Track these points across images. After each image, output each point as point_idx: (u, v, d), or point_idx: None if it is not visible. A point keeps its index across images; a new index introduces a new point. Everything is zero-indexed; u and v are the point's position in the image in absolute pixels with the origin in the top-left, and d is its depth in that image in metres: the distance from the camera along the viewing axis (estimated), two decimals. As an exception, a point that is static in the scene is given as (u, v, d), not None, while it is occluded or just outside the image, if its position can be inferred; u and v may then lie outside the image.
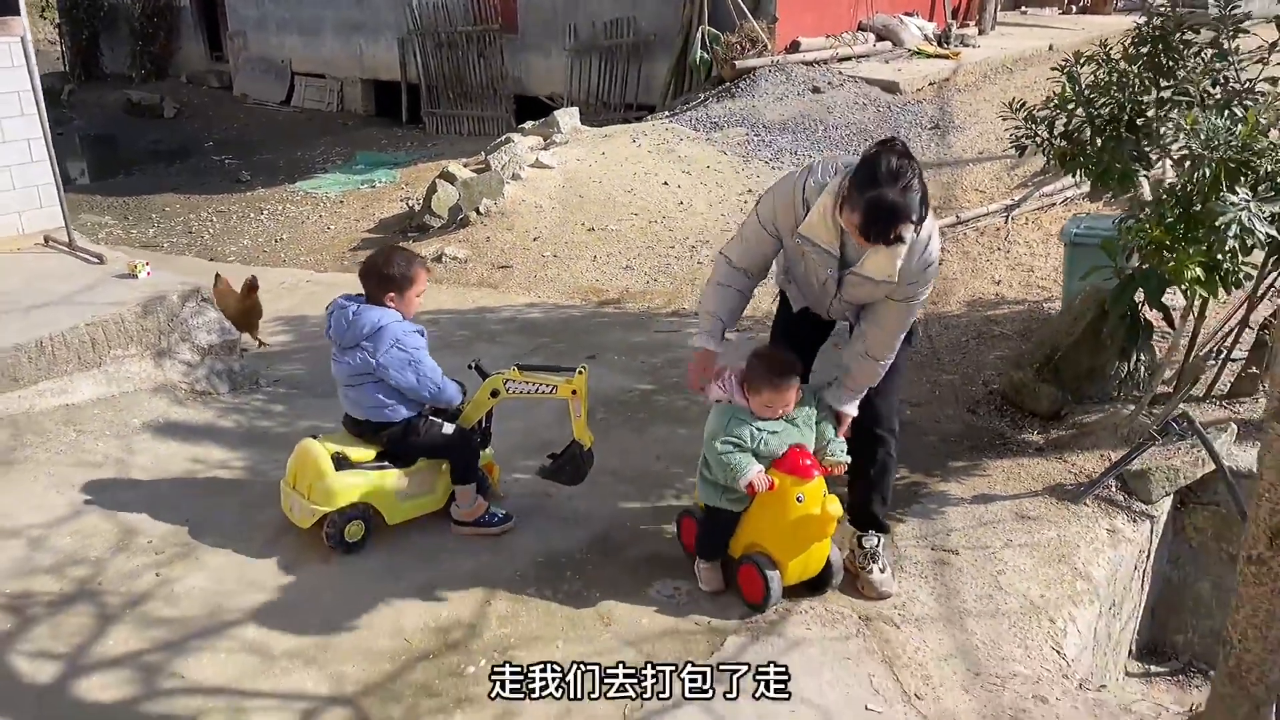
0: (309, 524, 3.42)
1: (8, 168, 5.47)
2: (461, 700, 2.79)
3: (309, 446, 3.44)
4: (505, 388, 3.57)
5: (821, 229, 2.88)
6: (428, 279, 3.59)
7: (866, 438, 3.25)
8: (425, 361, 3.43)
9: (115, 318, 4.61)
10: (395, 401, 3.43)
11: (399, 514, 3.51)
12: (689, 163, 8.87)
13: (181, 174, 12.73)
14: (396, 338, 3.36)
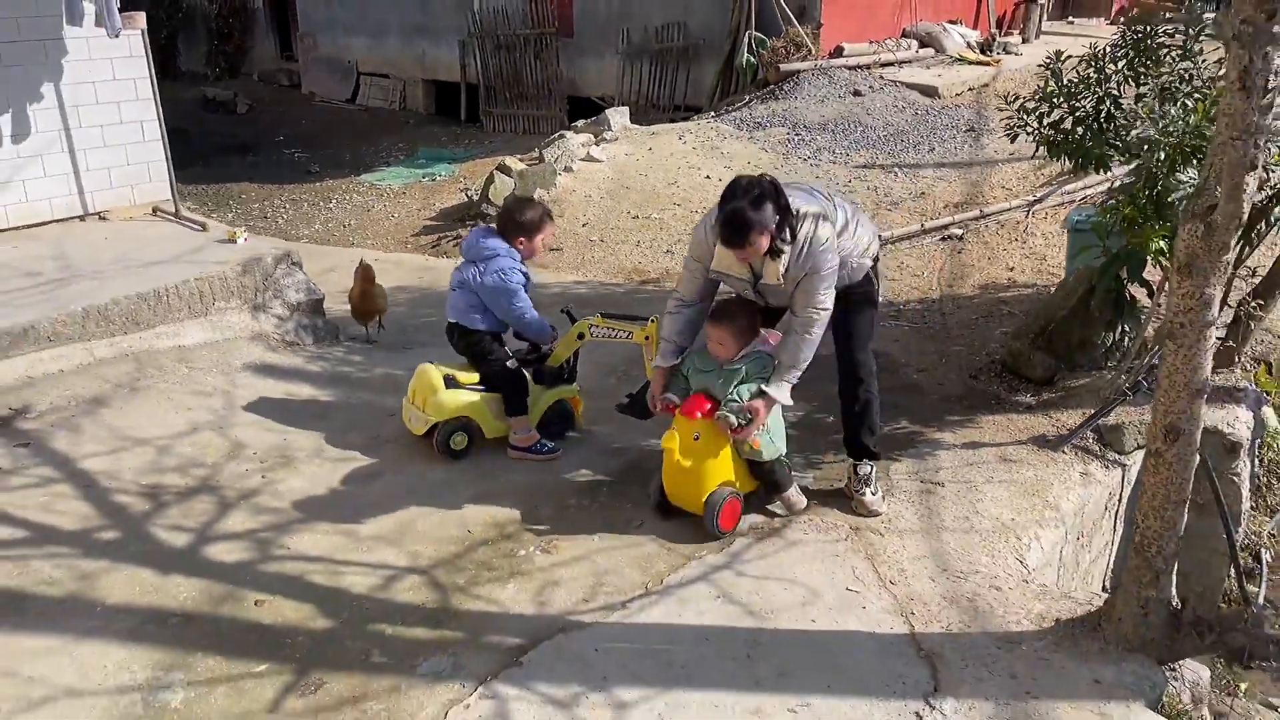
0: (422, 431, 4.13)
1: (124, 145, 6.21)
2: (514, 574, 3.39)
3: (426, 368, 4.17)
4: (590, 331, 4.22)
5: (727, 259, 3.51)
6: (549, 233, 4.22)
7: (849, 382, 3.79)
8: (519, 294, 4.11)
9: (219, 275, 5.31)
10: (478, 314, 4.09)
11: (493, 430, 4.18)
12: (731, 159, 9.45)
13: (255, 166, 13.54)
14: (502, 268, 4.05)
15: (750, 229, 3.33)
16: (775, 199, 3.37)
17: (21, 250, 5.59)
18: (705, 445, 3.56)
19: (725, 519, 3.59)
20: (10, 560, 3.31)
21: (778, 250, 3.41)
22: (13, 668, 2.83)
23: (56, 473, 3.89)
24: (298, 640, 3.01)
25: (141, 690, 2.77)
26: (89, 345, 4.80)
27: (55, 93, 5.89)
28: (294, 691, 2.79)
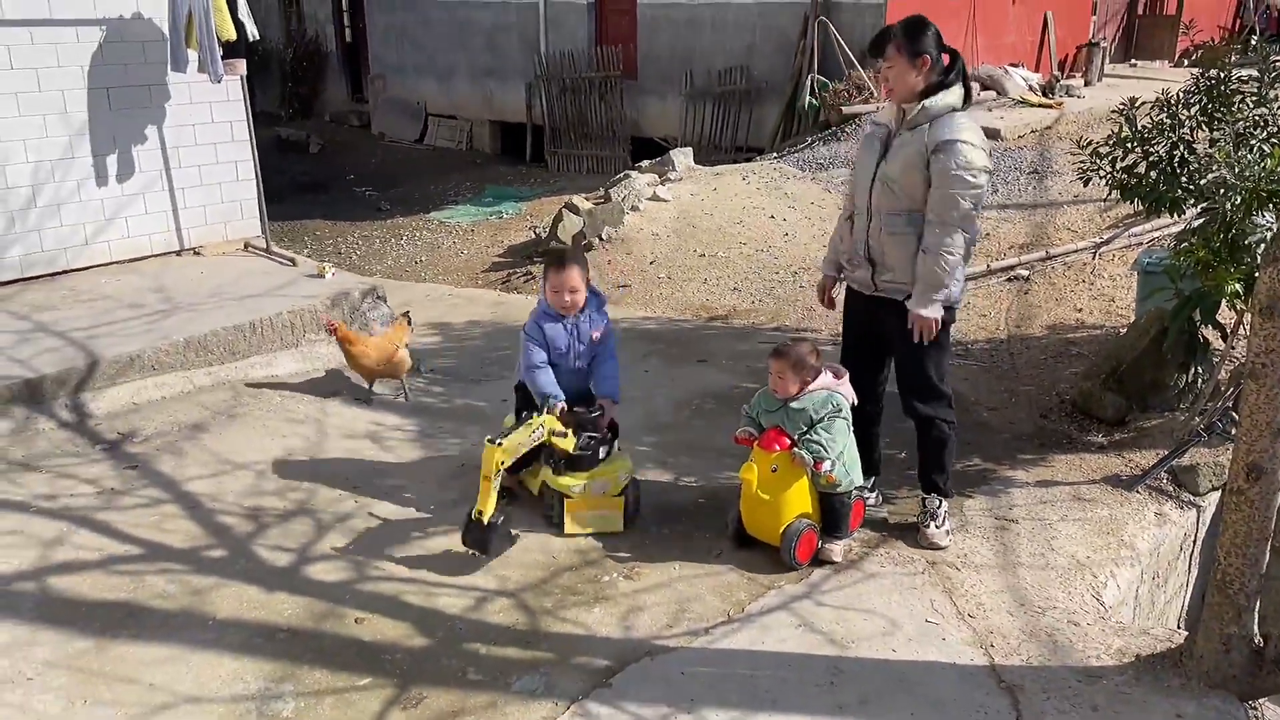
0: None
1: (219, 184, 6.54)
2: (599, 598, 3.51)
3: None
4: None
5: (886, 113, 3.71)
6: (566, 281, 3.90)
7: (922, 422, 3.87)
8: (525, 345, 4.00)
9: (309, 308, 5.55)
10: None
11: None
12: (794, 199, 9.59)
13: (327, 203, 13.98)
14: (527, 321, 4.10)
15: (890, 36, 3.49)
16: (937, 38, 3.51)
17: (124, 283, 5.89)
18: (782, 478, 3.66)
19: (802, 551, 3.67)
20: (127, 575, 3.51)
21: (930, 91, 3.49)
22: (134, 675, 3.01)
23: (164, 494, 4.11)
24: (397, 657, 3.16)
25: (255, 700, 2.93)
26: (189, 374, 5.05)
27: (158, 135, 6.24)
28: (397, 705, 2.93)
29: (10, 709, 2.84)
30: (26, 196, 5.81)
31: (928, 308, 3.61)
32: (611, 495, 3.89)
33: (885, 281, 3.75)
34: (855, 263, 3.84)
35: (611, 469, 3.92)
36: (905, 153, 3.57)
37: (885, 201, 3.66)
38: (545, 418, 3.72)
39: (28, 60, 5.69)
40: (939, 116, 3.52)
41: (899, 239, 3.65)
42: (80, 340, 5.00)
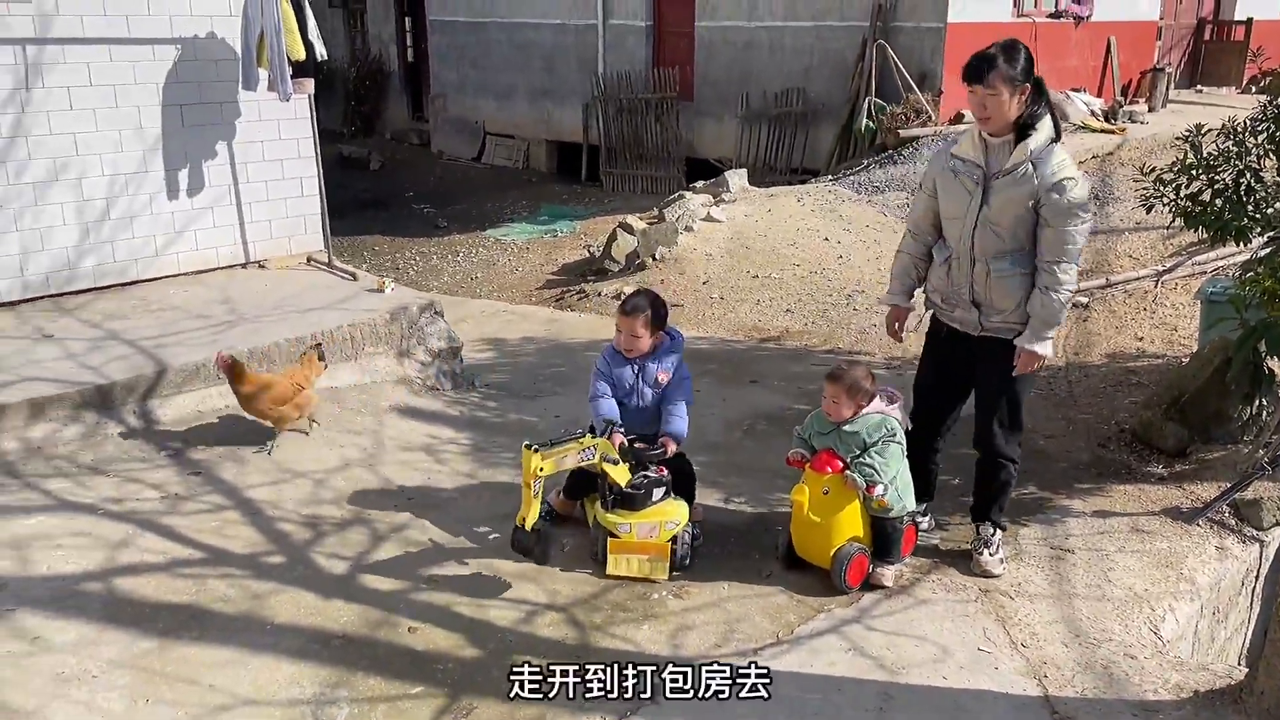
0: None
1: (284, 199, 6.70)
2: (648, 616, 3.53)
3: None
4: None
5: (968, 146, 3.59)
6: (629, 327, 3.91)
7: (990, 460, 3.84)
8: (593, 380, 4.06)
9: (369, 322, 5.66)
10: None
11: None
12: (849, 222, 9.57)
13: (386, 220, 14.22)
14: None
15: (993, 66, 3.35)
16: (1030, 63, 3.40)
17: (191, 294, 6.06)
18: (834, 500, 3.65)
19: (853, 574, 3.66)
20: (189, 579, 3.61)
21: (1025, 126, 3.42)
22: (195, 676, 3.08)
23: (225, 500, 4.21)
24: (448, 666, 3.20)
25: (310, 704, 2.99)
26: (252, 384, 5.16)
27: (228, 151, 6.41)
28: (447, 715, 2.97)
29: (77, 705, 2.93)
30: (101, 209, 6.01)
31: (1041, 344, 3.57)
32: (659, 541, 3.73)
33: (995, 323, 3.67)
34: (956, 303, 3.75)
35: (663, 512, 3.75)
36: (1011, 196, 3.48)
37: (990, 245, 3.58)
38: (600, 440, 3.70)
39: (106, 77, 5.89)
40: (1041, 155, 3.44)
41: (1007, 281, 3.58)
42: (149, 349, 5.15)
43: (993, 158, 3.54)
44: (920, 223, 3.86)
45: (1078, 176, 3.46)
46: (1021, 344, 3.58)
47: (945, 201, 3.70)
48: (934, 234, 3.82)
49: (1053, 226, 3.46)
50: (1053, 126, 3.49)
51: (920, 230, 3.86)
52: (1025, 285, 3.57)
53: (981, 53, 3.45)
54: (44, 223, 5.82)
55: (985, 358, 3.73)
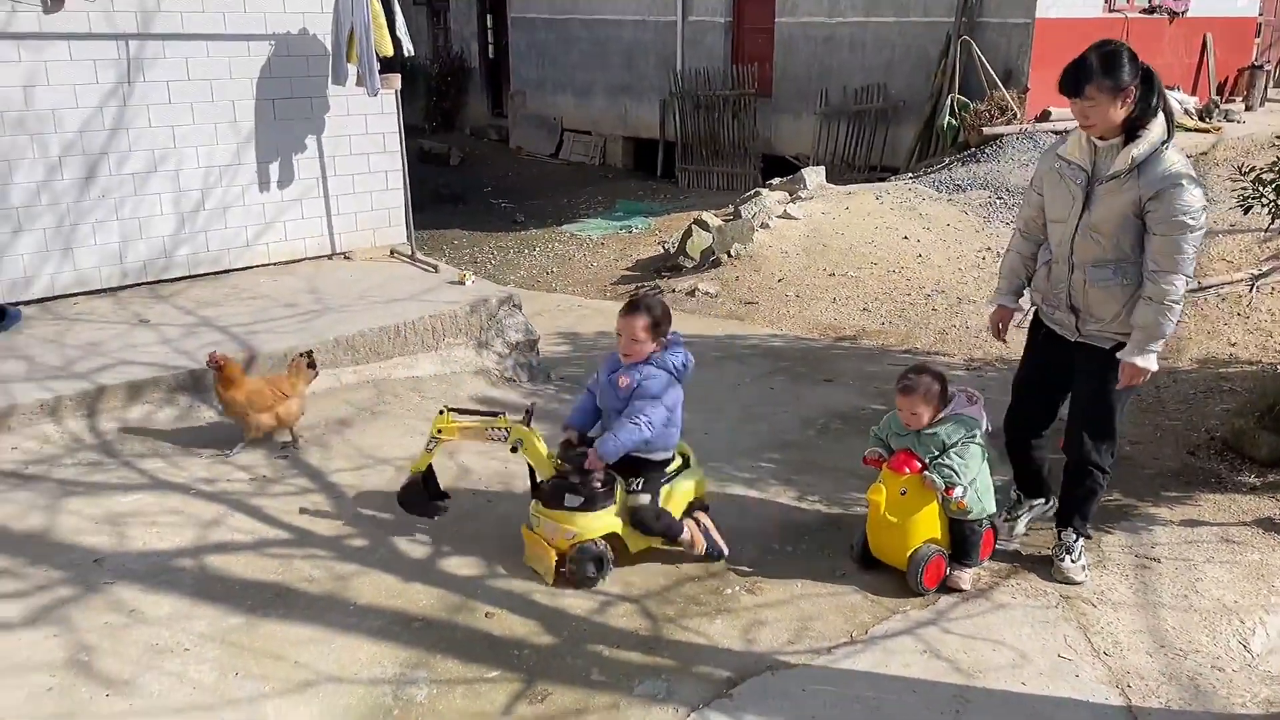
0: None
1: (370, 192, 6.86)
2: (721, 610, 3.53)
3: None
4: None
5: (1075, 147, 3.47)
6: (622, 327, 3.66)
7: (1080, 466, 3.74)
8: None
9: (450, 313, 5.76)
10: None
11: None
12: (929, 220, 9.43)
13: (465, 214, 14.45)
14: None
15: (1089, 77, 3.20)
16: (1134, 62, 3.23)
17: (281, 284, 6.24)
18: (912, 501, 3.61)
19: (929, 576, 3.61)
20: (276, 558, 3.72)
21: (1133, 129, 3.27)
22: (282, 652, 3.19)
23: (311, 483, 4.33)
24: (524, 652, 3.25)
25: (391, 684, 3.07)
26: (337, 371, 5.31)
27: (316, 144, 6.59)
28: (523, 699, 3.02)
29: (170, 677, 3.05)
30: (197, 200, 6.22)
31: (1144, 358, 3.43)
32: (555, 545, 3.61)
33: (1092, 330, 3.58)
34: (1055, 305, 3.67)
35: (569, 520, 3.58)
36: (1113, 203, 3.37)
37: (1089, 252, 3.48)
38: (516, 425, 3.69)
39: (203, 72, 6.09)
40: (1149, 158, 3.30)
41: (1106, 290, 3.47)
42: (240, 335, 5.32)
43: (1100, 161, 3.42)
44: (1031, 222, 3.77)
45: (1188, 181, 3.27)
46: (1125, 357, 3.46)
47: (1049, 204, 3.62)
48: (1044, 233, 3.73)
49: (1160, 235, 3.31)
50: (1165, 126, 3.33)
51: (1031, 230, 3.78)
52: (1126, 296, 3.45)
53: (1077, 62, 3.29)
54: (143, 212, 6.05)
55: (1081, 363, 3.65)
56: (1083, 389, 3.68)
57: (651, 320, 3.62)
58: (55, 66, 5.60)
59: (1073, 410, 3.74)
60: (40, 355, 5.06)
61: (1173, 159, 3.30)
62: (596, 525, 3.61)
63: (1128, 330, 3.48)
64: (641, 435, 3.57)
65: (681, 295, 8.86)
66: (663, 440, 3.68)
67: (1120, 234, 3.40)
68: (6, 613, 3.31)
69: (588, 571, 3.59)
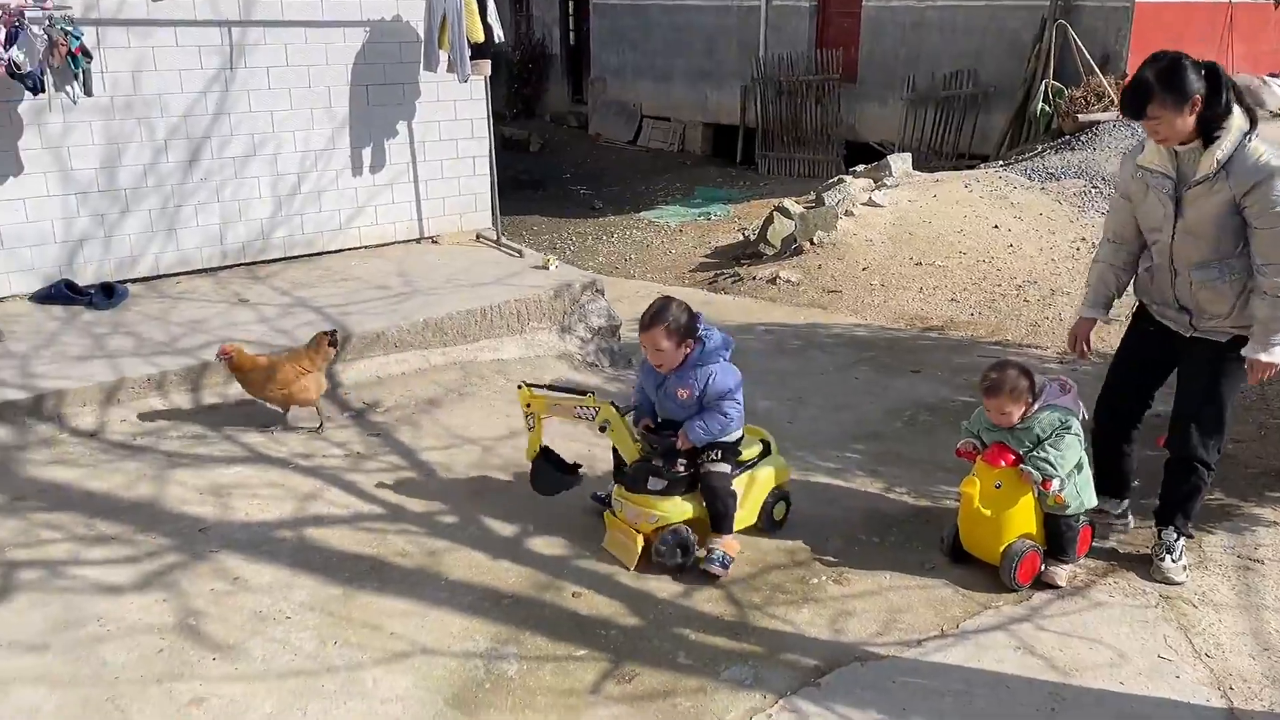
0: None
1: (457, 177, 6.96)
2: (807, 599, 3.52)
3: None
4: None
5: (1154, 155, 3.38)
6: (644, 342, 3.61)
7: (1183, 461, 3.63)
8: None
9: (534, 298, 5.83)
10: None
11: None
12: (1021, 209, 9.21)
13: (545, 200, 14.56)
14: None
15: (1148, 98, 3.12)
16: (1195, 69, 3.14)
17: (371, 266, 6.38)
18: (1006, 494, 3.54)
19: (1023, 572, 3.54)
20: (371, 532, 3.82)
21: (1210, 130, 3.17)
22: (377, 623, 3.27)
23: (402, 461, 4.43)
24: (611, 633, 3.28)
25: (482, 658, 3.13)
26: (426, 353, 5.41)
27: (408, 130, 6.70)
28: (611, 678, 3.05)
29: (273, 643, 3.16)
30: (293, 183, 6.38)
31: (1270, 352, 3.34)
32: (639, 529, 3.60)
33: (1209, 325, 3.50)
34: (1165, 304, 3.59)
35: (653, 504, 3.58)
36: (1206, 206, 3.29)
37: (1190, 256, 3.40)
38: (604, 405, 3.65)
39: (301, 58, 6.24)
40: (1235, 155, 3.20)
41: (1214, 289, 3.40)
42: (334, 316, 5.46)
43: (1184, 166, 3.33)
44: (1120, 230, 3.67)
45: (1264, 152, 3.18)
46: (1250, 354, 3.36)
47: (1142, 214, 3.54)
48: (1136, 241, 3.64)
49: (1263, 229, 3.22)
50: (1245, 117, 3.22)
51: (1121, 237, 3.68)
52: (1237, 291, 3.36)
53: (1133, 83, 3.22)
54: (242, 195, 6.24)
55: (1195, 356, 3.55)
56: (1194, 383, 3.57)
57: (668, 327, 3.51)
58: (162, 52, 5.80)
59: (1180, 404, 3.63)
60: (146, 332, 5.25)
61: (1259, 150, 3.21)
62: (681, 510, 3.62)
63: (1244, 323, 3.38)
64: (726, 425, 3.62)
65: (762, 283, 8.81)
66: (736, 424, 3.70)
67: (1220, 234, 3.32)
68: (119, 577, 3.46)
69: (674, 557, 3.59)
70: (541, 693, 2.99)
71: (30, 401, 4.47)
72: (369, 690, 2.95)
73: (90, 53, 5.32)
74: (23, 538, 3.67)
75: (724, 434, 3.65)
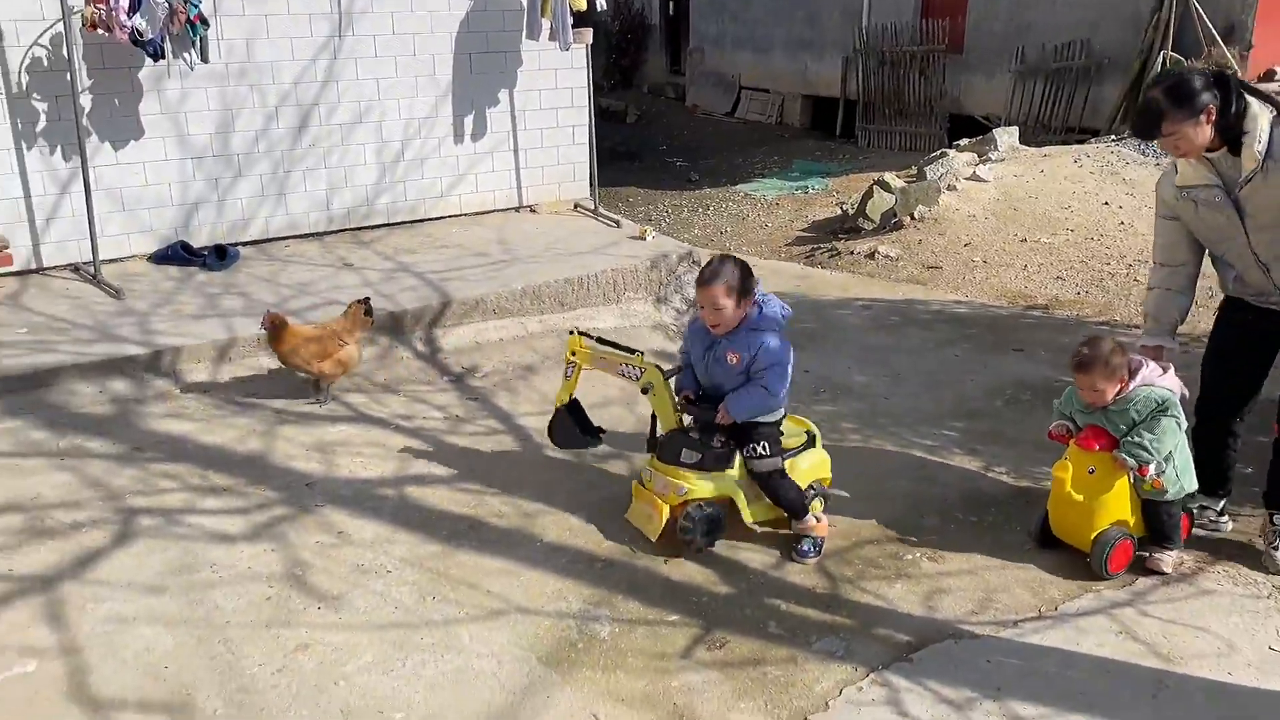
0: None
1: (556, 147, 7.01)
2: (901, 575, 3.48)
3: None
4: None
5: (1190, 172, 3.29)
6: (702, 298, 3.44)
7: None
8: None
9: (630, 268, 5.85)
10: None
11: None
12: (1134, 186, 8.85)
13: (640, 171, 14.53)
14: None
15: (1159, 120, 3.11)
16: (1204, 80, 3.11)
17: (471, 234, 6.49)
18: (1100, 480, 3.41)
19: (1115, 561, 3.41)
20: (469, 493, 3.91)
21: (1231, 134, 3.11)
22: (474, 581, 3.36)
23: (499, 425, 4.52)
24: (702, 600, 3.31)
25: (576, 619, 3.18)
26: (523, 320, 5.49)
27: (509, 99, 6.77)
28: (702, 644, 3.08)
29: (374, 595, 3.27)
30: (397, 151, 6.52)
31: None
32: (665, 501, 3.49)
33: None
34: (1269, 294, 3.45)
35: (683, 476, 3.48)
36: (1266, 197, 3.18)
37: (1273, 247, 3.29)
38: (650, 366, 3.57)
39: (407, 27, 6.35)
40: (1273, 141, 3.12)
41: None
42: (435, 282, 5.57)
43: (1225, 171, 3.24)
44: (1171, 252, 3.54)
45: None
46: None
47: (1201, 231, 3.43)
48: (1191, 260, 3.53)
49: None
50: (1266, 106, 3.14)
51: (1173, 260, 3.55)
52: None
53: (1143, 106, 3.19)
54: (348, 162, 6.39)
55: None
56: None
57: (729, 284, 3.34)
58: (275, 20, 5.96)
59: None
60: (256, 292, 5.45)
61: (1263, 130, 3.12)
62: (711, 486, 3.50)
63: None
64: (769, 402, 3.45)
65: (860, 257, 8.66)
66: (780, 400, 3.53)
67: None
68: (231, 527, 3.62)
69: (699, 534, 3.46)
70: (633, 654, 3.03)
71: (148, 357, 4.68)
72: (465, 645, 3.03)
73: (207, 20, 5.50)
74: (142, 486, 3.87)
75: (765, 410, 3.48)
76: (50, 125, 5.47)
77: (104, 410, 4.42)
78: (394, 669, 2.92)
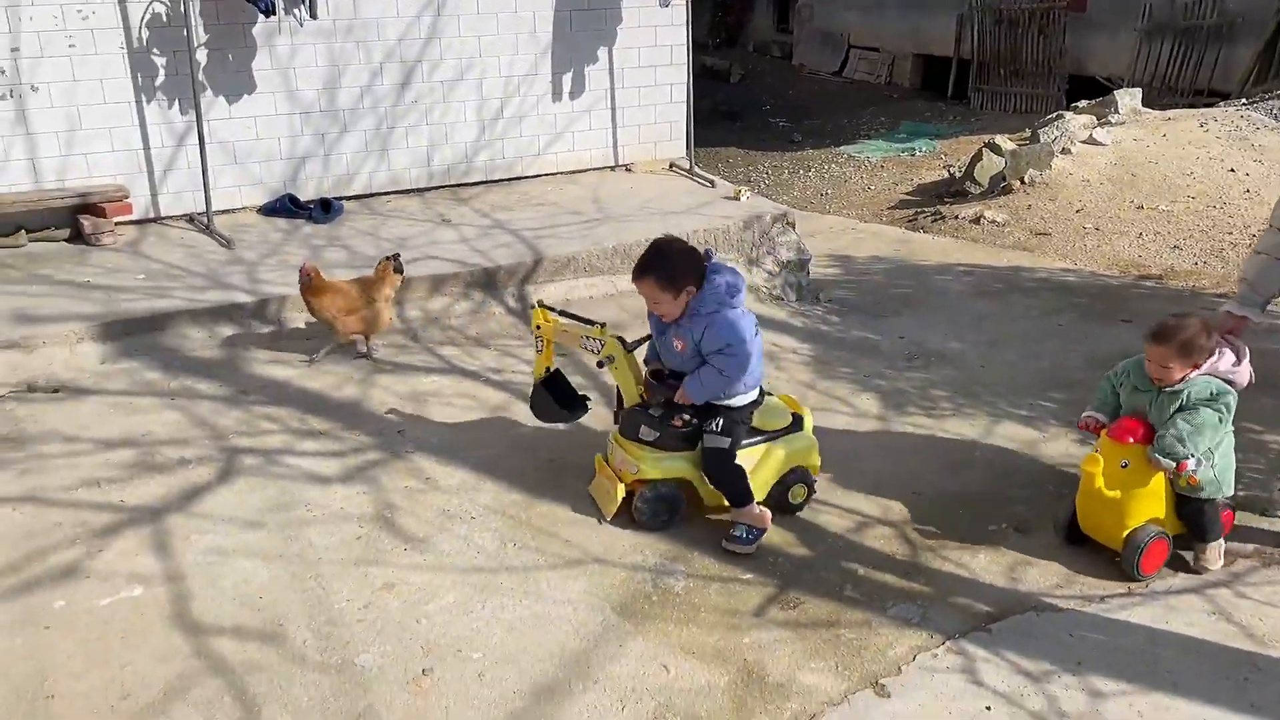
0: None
1: (654, 105, 6.98)
2: (985, 544, 3.42)
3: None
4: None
5: None
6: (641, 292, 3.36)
7: None
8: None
9: (723, 228, 5.81)
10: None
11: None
12: (1263, 152, 8.37)
13: (741, 131, 14.35)
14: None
15: None
16: None
17: (566, 193, 6.53)
18: (1134, 475, 3.17)
19: (1148, 562, 3.19)
20: (553, 446, 3.98)
21: None
22: (553, 530, 3.42)
23: (585, 382, 4.55)
24: (778, 560, 3.31)
25: (651, 572, 3.22)
26: (613, 278, 5.51)
27: (607, 56, 6.76)
28: (776, 603, 3.08)
29: (457, 540, 3.36)
30: (496, 108, 6.59)
31: None
32: (620, 477, 3.41)
33: None
34: None
35: (636, 455, 3.37)
36: None
37: None
38: (611, 339, 3.43)
39: (508, -16, 6.39)
40: None
41: None
42: (528, 239, 5.64)
43: None
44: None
45: None
46: None
47: None
48: None
49: None
50: None
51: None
52: None
53: None
54: (449, 119, 6.49)
55: None
56: None
57: (658, 278, 3.21)
58: (381, -21, 6.07)
59: None
60: (358, 246, 5.60)
61: None
62: (667, 467, 3.38)
63: None
64: (724, 383, 3.27)
65: (965, 222, 8.43)
66: (743, 381, 3.31)
67: None
68: (326, 469, 3.76)
69: (652, 515, 3.38)
70: (706, 610, 3.05)
71: (255, 304, 4.88)
72: (543, 591, 3.10)
73: (317, -22, 5.63)
74: (245, 427, 4.04)
75: (725, 394, 3.30)
76: (168, 79, 5.69)
77: (213, 354, 4.63)
78: (474, 610, 3.00)
